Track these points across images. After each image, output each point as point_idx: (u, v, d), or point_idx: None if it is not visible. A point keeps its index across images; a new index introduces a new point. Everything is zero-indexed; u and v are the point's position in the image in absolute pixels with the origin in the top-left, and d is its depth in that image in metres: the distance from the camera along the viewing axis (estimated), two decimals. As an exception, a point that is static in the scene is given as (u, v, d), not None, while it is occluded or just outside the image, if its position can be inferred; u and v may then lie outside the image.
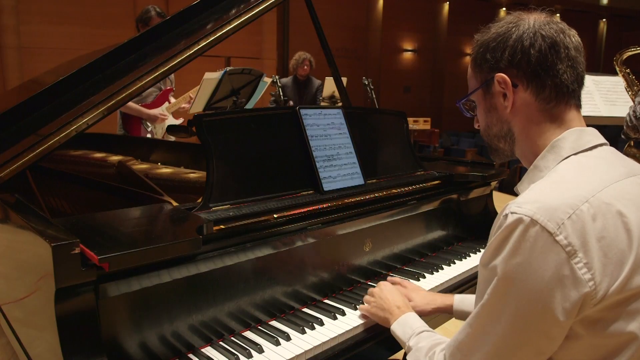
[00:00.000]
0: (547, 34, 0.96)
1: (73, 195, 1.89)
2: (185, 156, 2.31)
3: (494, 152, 1.11)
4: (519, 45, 0.97)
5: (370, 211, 1.63)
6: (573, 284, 0.81)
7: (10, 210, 1.21)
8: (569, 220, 0.82)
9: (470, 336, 0.94)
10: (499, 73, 1.00)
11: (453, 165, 2.22)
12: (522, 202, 0.86)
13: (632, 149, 2.87)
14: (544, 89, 0.97)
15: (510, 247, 0.85)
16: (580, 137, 0.97)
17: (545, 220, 0.82)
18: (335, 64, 2.36)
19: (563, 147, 0.96)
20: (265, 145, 1.52)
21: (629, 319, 0.84)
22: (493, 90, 1.03)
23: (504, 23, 1.01)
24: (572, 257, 0.81)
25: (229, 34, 1.65)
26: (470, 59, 1.08)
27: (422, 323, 1.22)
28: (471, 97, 1.10)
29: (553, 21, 0.99)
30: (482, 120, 1.10)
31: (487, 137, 1.10)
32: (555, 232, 0.81)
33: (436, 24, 12.58)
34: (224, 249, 1.25)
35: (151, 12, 3.35)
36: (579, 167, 0.93)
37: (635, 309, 0.84)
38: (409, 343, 1.15)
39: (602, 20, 14.76)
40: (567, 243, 0.81)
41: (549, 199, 0.85)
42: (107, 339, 1.04)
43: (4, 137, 1.45)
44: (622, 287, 0.82)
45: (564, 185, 0.89)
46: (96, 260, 0.96)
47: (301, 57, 5.33)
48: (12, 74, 6.58)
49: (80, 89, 1.54)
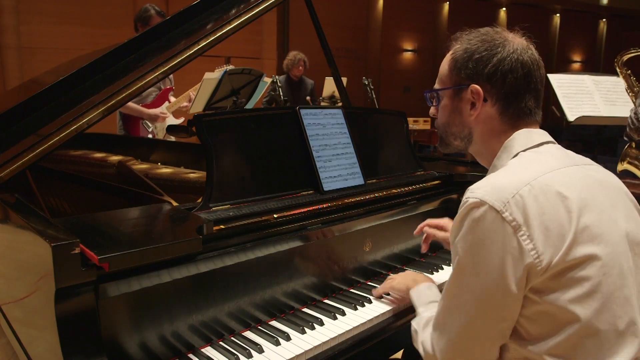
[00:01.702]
0: (525, 64, 1.07)
1: (73, 195, 1.89)
2: (185, 156, 2.31)
3: (445, 146, 1.22)
4: (501, 65, 1.07)
5: (370, 211, 1.63)
6: (519, 254, 0.92)
7: (10, 210, 1.21)
8: (512, 199, 0.94)
9: (442, 310, 1.05)
10: (475, 85, 1.09)
11: (453, 165, 2.22)
12: (475, 188, 1.00)
13: (633, 150, 2.87)
14: (508, 109, 1.10)
15: (466, 226, 0.98)
16: (528, 136, 1.09)
17: (493, 200, 0.95)
18: (335, 64, 2.36)
19: (513, 145, 1.09)
20: (265, 145, 1.52)
21: (571, 287, 0.93)
22: (463, 95, 1.12)
23: (491, 38, 1.09)
24: (517, 230, 0.93)
25: (229, 34, 1.65)
26: (451, 58, 1.14)
27: (435, 293, 1.31)
28: (440, 92, 1.18)
29: (530, 48, 1.11)
30: (443, 116, 1.19)
31: (443, 132, 1.20)
32: (501, 210, 0.94)
33: (436, 24, 12.57)
34: (224, 249, 1.25)
35: (150, 10, 3.32)
36: (526, 160, 1.06)
37: (578, 276, 0.93)
38: (419, 309, 1.26)
39: (602, 20, 14.75)
40: (512, 219, 0.93)
41: (497, 183, 0.98)
42: (107, 339, 1.04)
43: (4, 137, 1.46)
44: (563, 257, 0.92)
45: (510, 173, 1.02)
46: (96, 260, 0.96)
47: (296, 57, 5.33)
48: (12, 74, 6.57)
49: (80, 89, 1.54)
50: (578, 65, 14.53)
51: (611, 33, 14.72)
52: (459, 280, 1.00)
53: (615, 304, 0.94)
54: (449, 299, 1.04)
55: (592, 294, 0.93)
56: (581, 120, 3.21)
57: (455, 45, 1.14)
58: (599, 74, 3.42)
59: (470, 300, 0.98)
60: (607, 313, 0.93)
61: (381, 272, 1.68)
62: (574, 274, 0.93)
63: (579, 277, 0.93)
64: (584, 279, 0.93)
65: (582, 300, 0.92)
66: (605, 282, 0.94)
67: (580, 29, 14.16)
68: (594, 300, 0.93)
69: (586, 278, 0.93)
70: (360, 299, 1.47)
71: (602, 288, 0.93)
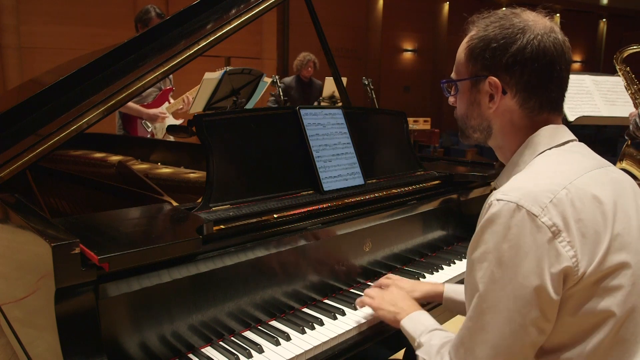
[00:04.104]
0: (548, 50, 0.98)
1: (73, 195, 1.89)
2: (185, 156, 2.31)
3: (465, 137, 1.15)
4: (520, 55, 0.98)
5: (370, 211, 1.63)
6: (557, 261, 0.86)
7: (10, 210, 1.21)
8: (550, 203, 0.88)
9: (471, 329, 0.94)
10: (492, 76, 1.02)
11: (453, 165, 2.23)
12: (507, 191, 0.91)
13: (630, 149, 2.87)
14: (529, 101, 1.02)
15: (500, 233, 0.89)
16: (554, 133, 1.02)
17: (530, 205, 0.87)
18: (335, 64, 2.36)
19: (539, 142, 1.02)
20: (265, 145, 1.52)
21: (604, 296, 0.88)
22: (481, 87, 1.05)
23: (510, 24, 1.00)
24: (557, 236, 0.86)
25: (229, 34, 1.65)
26: (467, 46, 1.06)
27: (434, 321, 1.21)
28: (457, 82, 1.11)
29: (554, 30, 1.01)
30: (461, 108, 1.12)
31: (462, 124, 1.13)
32: (540, 215, 0.87)
33: (436, 24, 12.57)
34: (224, 249, 1.25)
35: (151, 12, 3.32)
36: (554, 159, 0.99)
37: (611, 286, 0.89)
38: (420, 339, 1.13)
39: (602, 20, 14.75)
40: (552, 224, 0.87)
41: (530, 186, 0.91)
42: (107, 339, 1.04)
43: (4, 137, 1.46)
44: (598, 266, 0.87)
45: (542, 175, 0.95)
46: (96, 260, 0.96)
47: (306, 58, 5.34)
48: (12, 74, 6.57)
49: (80, 89, 1.54)
50: (578, 65, 14.53)
51: (611, 33, 14.72)
52: (494, 292, 0.89)
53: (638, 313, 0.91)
54: (479, 315, 0.92)
55: (623, 303, 0.89)
56: (581, 120, 3.21)
57: (472, 31, 1.05)
58: (599, 74, 3.41)
59: (507, 314, 0.88)
60: (632, 322, 0.90)
61: (381, 272, 1.68)
62: (607, 283, 0.88)
63: (612, 286, 0.88)
64: (616, 288, 0.88)
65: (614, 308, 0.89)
66: (634, 291, 0.90)
67: (580, 29, 14.16)
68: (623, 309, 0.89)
69: (619, 287, 0.88)
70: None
71: (631, 298, 0.89)
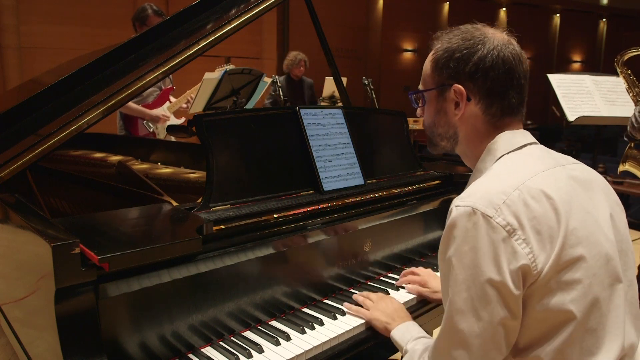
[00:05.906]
0: (507, 60, 1.06)
1: (73, 195, 1.89)
2: (185, 156, 2.31)
3: (433, 146, 1.22)
4: (482, 63, 1.06)
5: (370, 211, 1.63)
6: (515, 258, 0.91)
7: (10, 210, 1.21)
8: (504, 204, 0.93)
9: (445, 332, 0.99)
10: (457, 84, 1.09)
11: (453, 165, 2.22)
12: (464, 197, 0.98)
13: (633, 151, 2.87)
14: (492, 107, 1.09)
15: (459, 237, 0.95)
16: (511, 138, 1.09)
17: (484, 207, 0.93)
18: (335, 64, 2.35)
19: (497, 148, 1.09)
20: (265, 145, 1.52)
21: (566, 290, 0.93)
22: (447, 96, 1.12)
23: (471, 36, 1.08)
24: (512, 235, 0.92)
25: (229, 34, 1.65)
26: (432, 58, 1.14)
27: (421, 330, 1.27)
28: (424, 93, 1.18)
29: (512, 42, 1.09)
30: (428, 117, 1.19)
31: (430, 133, 1.20)
32: (494, 216, 0.93)
33: (436, 24, 12.57)
34: (224, 249, 1.25)
35: (147, 10, 3.31)
36: (510, 163, 1.05)
37: (570, 279, 0.93)
38: (407, 347, 1.20)
39: (602, 20, 14.74)
40: (506, 223, 0.92)
41: (485, 190, 0.97)
42: (107, 339, 1.04)
43: (4, 137, 1.46)
44: (556, 261, 0.93)
45: (496, 178, 1.02)
46: (96, 260, 0.96)
47: (297, 57, 5.34)
48: (12, 74, 6.57)
49: (80, 89, 1.54)
50: (578, 65, 14.53)
51: (611, 33, 14.72)
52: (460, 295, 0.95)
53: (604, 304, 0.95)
54: (450, 318, 0.98)
55: (585, 295, 0.93)
56: (581, 120, 3.21)
57: (437, 45, 1.13)
58: (599, 74, 3.42)
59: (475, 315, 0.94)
60: (596, 312, 0.94)
61: (381, 272, 1.68)
62: (566, 277, 0.93)
63: (571, 279, 0.93)
64: (576, 281, 0.93)
65: (575, 302, 0.93)
66: (595, 282, 0.95)
67: (580, 29, 14.16)
68: (585, 301, 0.94)
69: (578, 281, 0.93)
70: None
71: (592, 289, 0.94)
